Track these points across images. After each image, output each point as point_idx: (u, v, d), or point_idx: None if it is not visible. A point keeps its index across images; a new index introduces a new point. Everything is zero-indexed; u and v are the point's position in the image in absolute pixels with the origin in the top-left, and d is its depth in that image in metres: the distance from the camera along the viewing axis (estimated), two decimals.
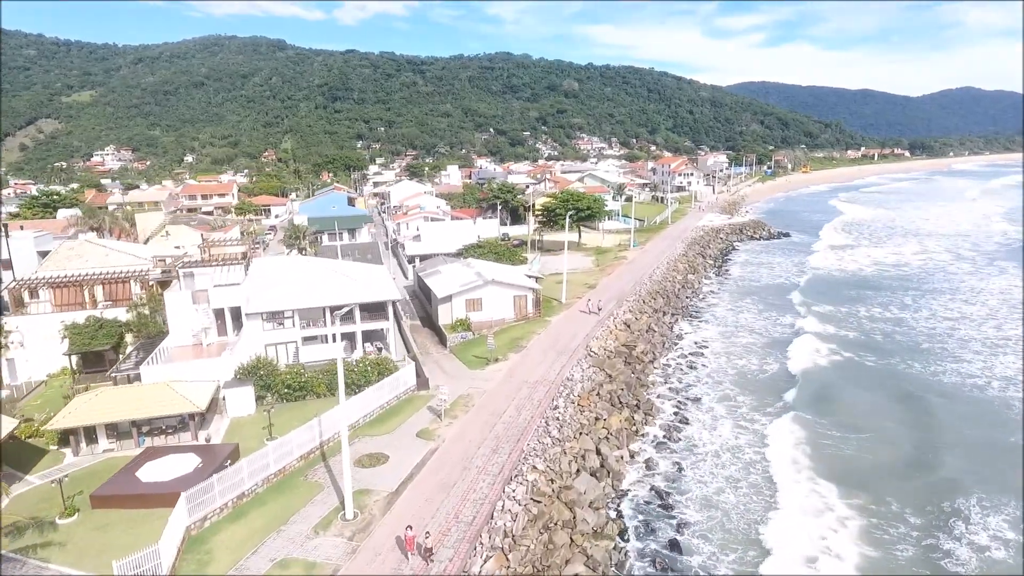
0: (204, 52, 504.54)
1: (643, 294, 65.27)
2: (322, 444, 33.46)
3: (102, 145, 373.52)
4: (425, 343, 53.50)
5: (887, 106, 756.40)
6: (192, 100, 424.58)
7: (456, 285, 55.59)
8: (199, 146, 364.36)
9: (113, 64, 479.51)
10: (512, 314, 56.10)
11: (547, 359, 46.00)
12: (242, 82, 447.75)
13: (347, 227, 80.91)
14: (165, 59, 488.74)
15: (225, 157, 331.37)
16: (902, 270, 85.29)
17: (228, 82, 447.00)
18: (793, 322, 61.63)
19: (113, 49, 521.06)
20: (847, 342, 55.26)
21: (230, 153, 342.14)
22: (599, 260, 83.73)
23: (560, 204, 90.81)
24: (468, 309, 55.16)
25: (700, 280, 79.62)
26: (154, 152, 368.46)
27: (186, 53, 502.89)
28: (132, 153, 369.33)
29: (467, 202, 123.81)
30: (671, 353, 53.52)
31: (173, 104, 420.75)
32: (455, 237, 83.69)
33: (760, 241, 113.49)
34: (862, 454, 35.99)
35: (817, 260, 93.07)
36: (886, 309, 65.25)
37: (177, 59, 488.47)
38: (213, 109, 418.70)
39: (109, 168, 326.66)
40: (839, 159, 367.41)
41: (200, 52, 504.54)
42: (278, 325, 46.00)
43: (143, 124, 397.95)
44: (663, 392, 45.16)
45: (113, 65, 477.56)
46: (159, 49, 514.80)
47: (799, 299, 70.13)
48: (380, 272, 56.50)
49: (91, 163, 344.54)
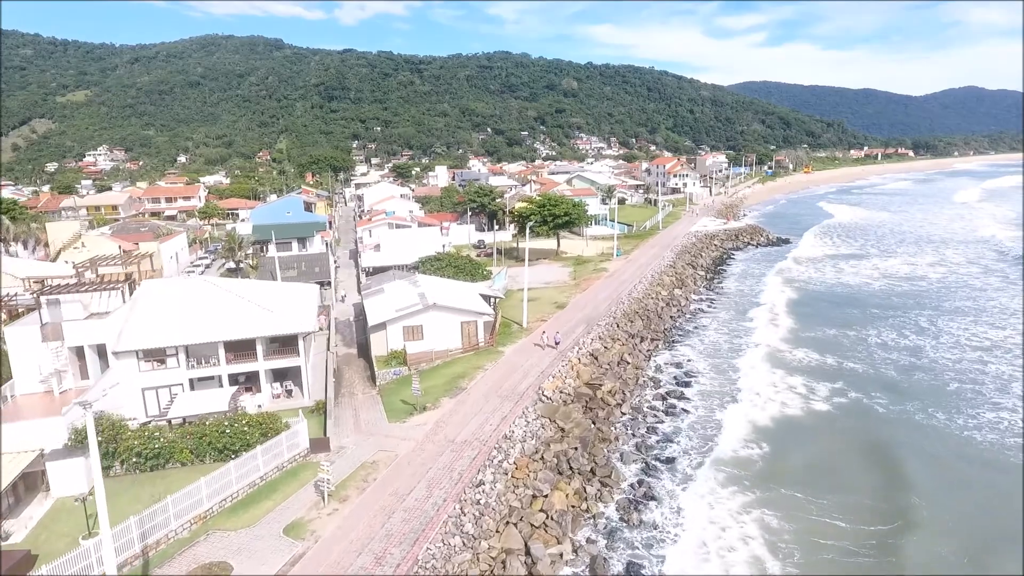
0: (201, 51, 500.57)
1: (618, 315, 56.63)
2: (152, 546, 24.99)
3: (95, 145, 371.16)
4: (354, 380, 45.11)
5: (889, 105, 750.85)
6: (187, 100, 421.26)
7: (392, 310, 47.16)
8: (193, 146, 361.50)
9: (109, 64, 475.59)
10: (459, 343, 47.64)
11: (487, 406, 37.51)
12: (238, 82, 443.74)
13: (296, 236, 72.71)
14: (161, 59, 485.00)
15: (219, 157, 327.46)
16: (916, 285, 75.82)
17: (224, 81, 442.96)
18: (790, 350, 52.93)
19: (110, 49, 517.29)
20: (856, 379, 46.41)
21: (224, 153, 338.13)
22: (576, 272, 75.18)
23: (536, 210, 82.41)
24: (406, 338, 46.75)
25: (689, 296, 70.89)
26: (147, 152, 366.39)
27: (183, 52, 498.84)
28: (125, 153, 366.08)
29: (444, 206, 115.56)
30: (646, 392, 44.94)
31: (168, 104, 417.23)
32: (419, 246, 75.42)
33: (760, 248, 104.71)
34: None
35: (819, 273, 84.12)
36: (900, 334, 56.29)
37: (173, 59, 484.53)
38: (208, 109, 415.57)
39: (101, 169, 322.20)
40: (842, 159, 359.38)
41: (197, 51, 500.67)
42: (159, 365, 37.70)
43: (137, 124, 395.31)
44: (629, 450, 36.53)
45: (109, 65, 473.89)
46: (155, 49, 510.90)
47: (795, 321, 61.43)
48: (306, 295, 48.15)
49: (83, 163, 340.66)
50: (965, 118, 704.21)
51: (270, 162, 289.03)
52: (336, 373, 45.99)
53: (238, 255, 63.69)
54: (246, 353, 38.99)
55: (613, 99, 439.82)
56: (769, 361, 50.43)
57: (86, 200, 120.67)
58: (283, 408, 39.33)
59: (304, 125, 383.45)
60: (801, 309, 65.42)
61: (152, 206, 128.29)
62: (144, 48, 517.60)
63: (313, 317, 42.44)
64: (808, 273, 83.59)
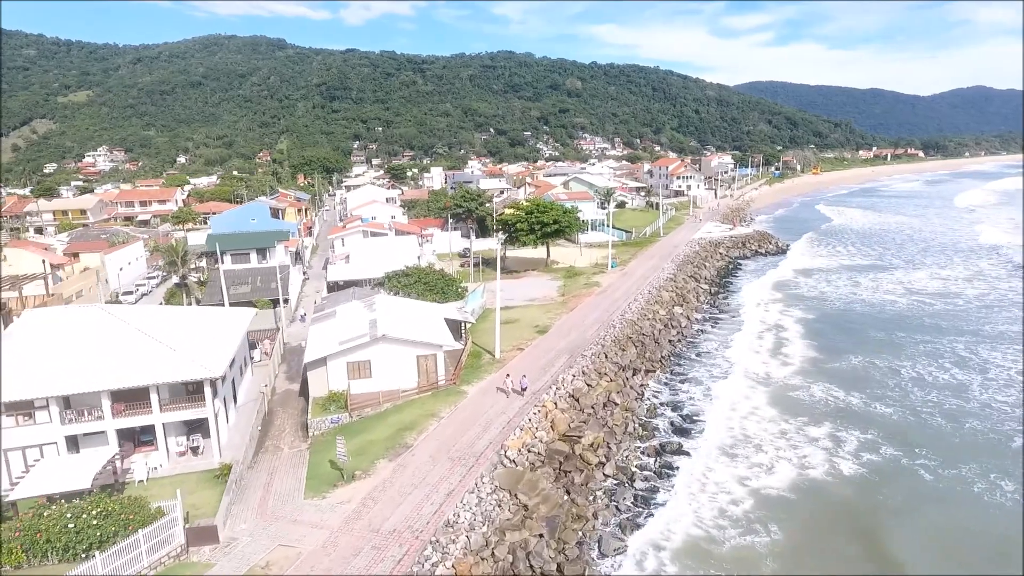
0: (203, 51, 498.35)
1: (608, 343, 48.94)
2: None
3: (95, 146, 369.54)
4: (285, 428, 37.69)
5: (896, 105, 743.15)
6: (188, 100, 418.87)
7: (335, 342, 39.67)
8: (193, 147, 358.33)
9: (112, 64, 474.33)
10: (416, 381, 40.10)
11: (432, 474, 29.96)
12: (239, 82, 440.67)
13: (254, 246, 65.45)
14: (164, 59, 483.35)
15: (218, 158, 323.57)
16: (951, 303, 66.51)
17: (225, 81, 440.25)
18: (807, 386, 45.13)
19: (113, 49, 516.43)
20: (891, 427, 38.45)
21: (224, 154, 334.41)
22: (566, 287, 67.50)
23: (523, 217, 74.86)
24: (351, 375, 39.23)
25: (691, 314, 63.06)
26: (146, 153, 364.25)
27: (185, 53, 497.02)
28: (125, 154, 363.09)
29: (431, 210, 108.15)
30: (636, 443, 37.28)
31: (169, 104, 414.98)
32: (394, 257, 67.91)
33: (768, 257, 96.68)
34: None
35: (833, 287, 76.01)
36: (938, 366, 48.13)
37: (176, 59, 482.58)
38: (209, 109, 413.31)
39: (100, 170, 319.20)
40: (851, 159, 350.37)
41: (199, 51, 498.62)
42: (25, 420, 30.43)
43: (138, 124, 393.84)
44: (609, 531, 28.93)
45: (112, 65, 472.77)
46: (158, 49, 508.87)
47: (811, 346, 53.61)
48: (234, 324, 40.79)
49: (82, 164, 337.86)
50: (974, 118, 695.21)
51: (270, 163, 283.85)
52: (266, 418, 38.63)
53: (182, 269, 56.33)
54: (139, 403, 31.68)
55: (617, 99, 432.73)
56: (783, 401, 42.63)
57: (54, 204, 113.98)
58: (186, 471, 32.08)
59: (305, 125, 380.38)
60: (818, 332, 57.43)
61: (125, 210, 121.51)
62: (147, 48, 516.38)
63: (228, 356, 35.00)
64: (822, 287, 75.42)
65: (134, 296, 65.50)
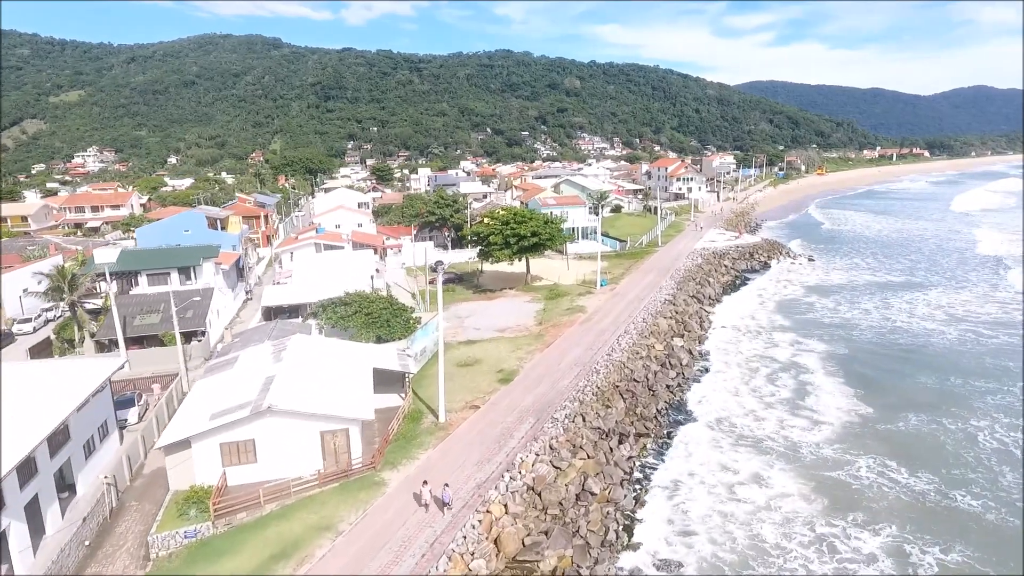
0: (198, 51, 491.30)
1: (587, 397, 38.30)
2: None
3: (85, 146, 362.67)
4: (129, 536, 27.14)
5: (898, 105, 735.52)
6: (181, 100, 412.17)
7: (204, 416, 29.12)
8: (184, 147, 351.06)
9: (106, 64, 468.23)
10: (318, 466, 29.56)
11: None
12: (234, 81, 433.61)
13: (175, 265, 54.99)
14: (158, 58, 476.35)
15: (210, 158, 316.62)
16: (1015, 336, 53.61)
17: (219, 81, 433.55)
18: (851, 459, 34.47)
19: (108, 48, 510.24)
20: (987, 535, 27.94)
21: (216, 154, 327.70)
22: (545, 312, 56.84)
23: (497, 228, 64.35)
24: (228, 460, 28.66)
25: (693, 347, 52.40)
26: (137, 153, 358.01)
27: (180, 52, 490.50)
28: (115, 154, 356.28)
29: (405, 217, 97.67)
30: (616, 558, 26.72)
31: (162, 104, 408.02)
32: (347, 276, 57.45)
33: (779, 270, 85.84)
34: None
35: (858, 310, 65.32)
36: (988, 407, 37.19)
37: (170, 58, 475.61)
38: (203, 109, 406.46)
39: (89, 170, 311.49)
40: (855, 160, 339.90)
41: (194, 51, 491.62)
42: None
43: (130, 124, 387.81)
44: None
45: (106, 64, 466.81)
46: (153, 48, 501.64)
47: (847, 394, 43.01)
48: (80, 381, 30.28)
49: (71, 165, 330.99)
50: (975, 118, 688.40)
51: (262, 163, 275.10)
52: (106, 523, 28.05)
53: (68, 296, 45.74)
54: None
55: (617, 98, 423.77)
56: (818, 489, 31.80)
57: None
58: None
59: (299, 125, 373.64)
60: (850, 375, 46.57)
61: (75, 216, 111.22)
62: (141, 47, 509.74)
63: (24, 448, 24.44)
64: (844, 310, 64.25)
65: (32, 324, 55.13)
